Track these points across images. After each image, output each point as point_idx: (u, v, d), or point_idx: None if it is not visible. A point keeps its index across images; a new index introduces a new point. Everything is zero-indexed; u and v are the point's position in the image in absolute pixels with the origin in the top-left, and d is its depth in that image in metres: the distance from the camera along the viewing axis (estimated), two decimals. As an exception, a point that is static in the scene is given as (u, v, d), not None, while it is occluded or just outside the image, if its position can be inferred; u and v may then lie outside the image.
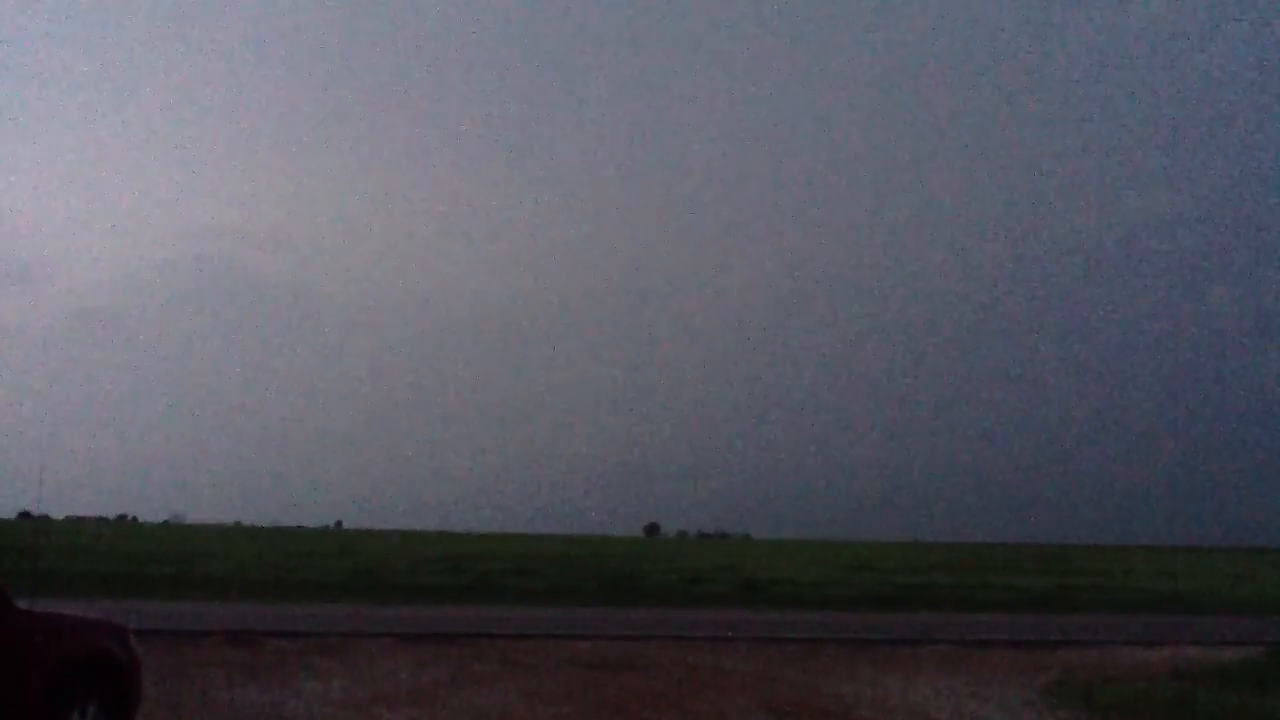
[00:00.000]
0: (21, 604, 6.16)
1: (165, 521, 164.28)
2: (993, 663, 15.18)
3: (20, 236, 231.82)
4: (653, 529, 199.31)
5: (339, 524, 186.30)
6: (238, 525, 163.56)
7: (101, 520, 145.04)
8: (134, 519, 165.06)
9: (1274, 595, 35.94)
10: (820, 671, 13.54)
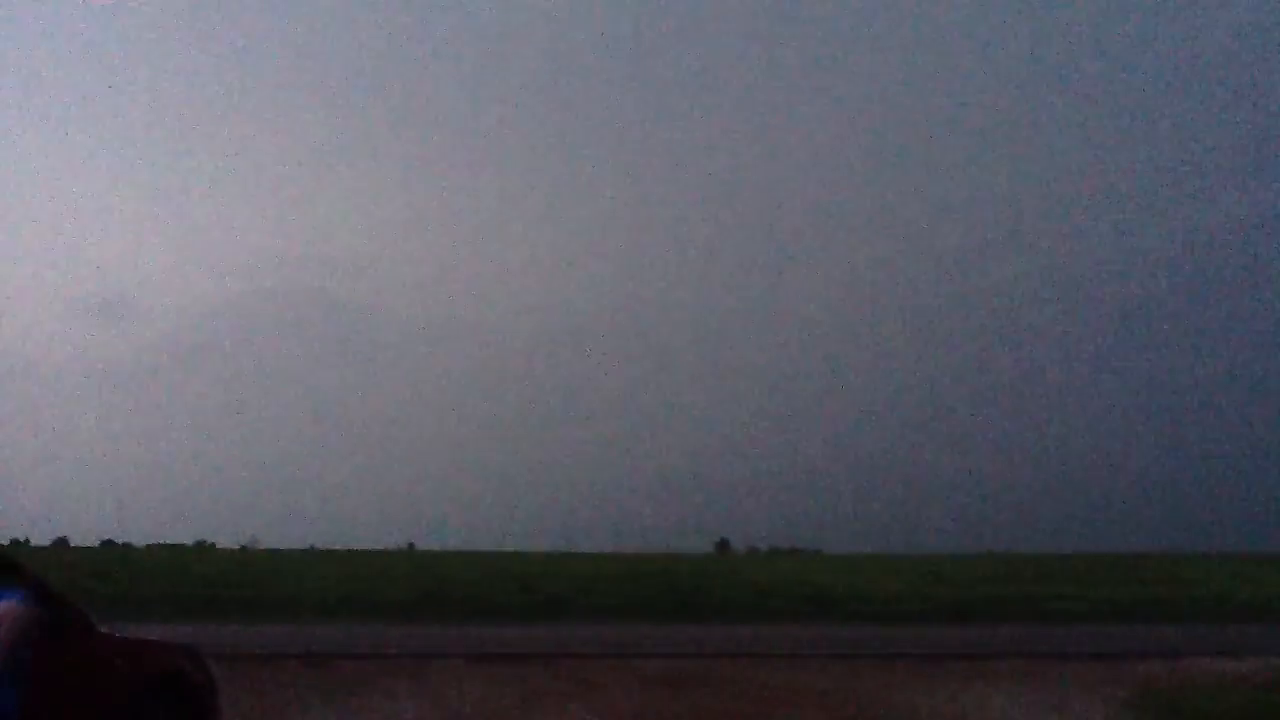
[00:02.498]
0: (103, 629, 6.30)
1: (242, 547, 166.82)
2: (1072, 675, 14.84)
3: (109, 272, 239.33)
4: (723, 545, 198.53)
5: (411, 545, 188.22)
6: (312, 549, 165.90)
7: (179, 546, 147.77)
8: (212, 544, 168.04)
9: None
10: (896, 686, 13.34)
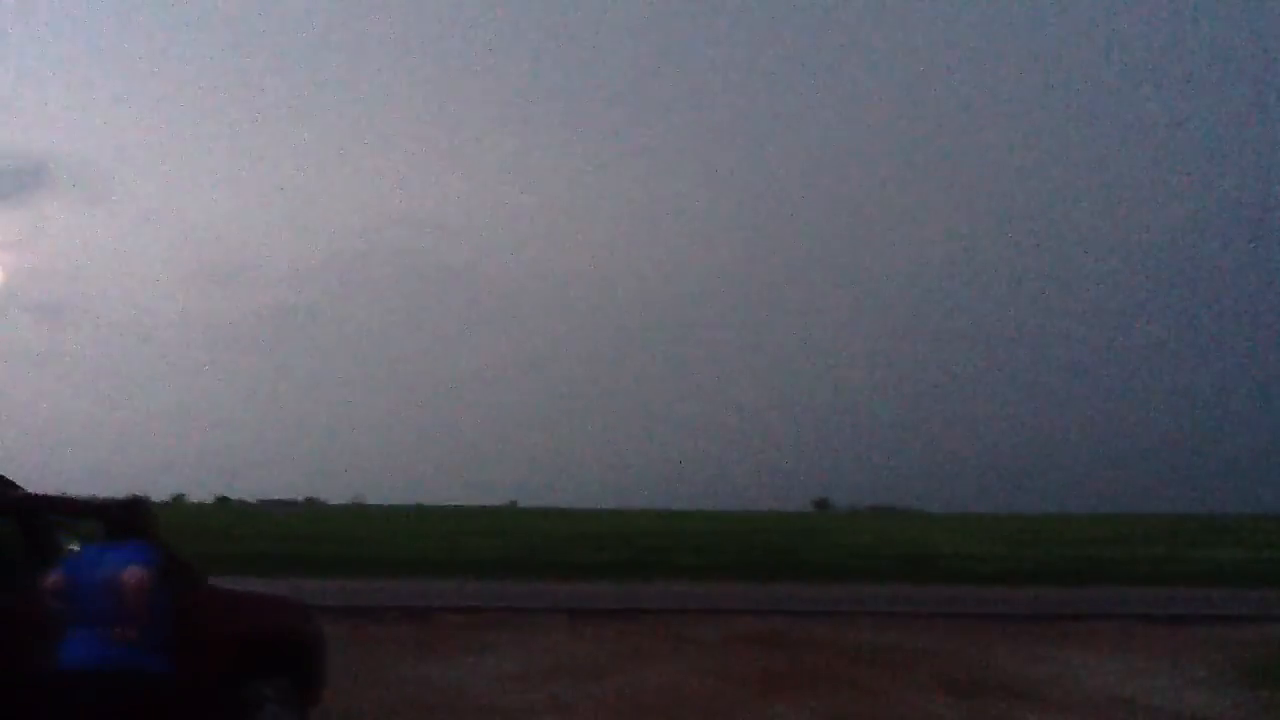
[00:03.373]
0: (212, 582, 6.49)
1: (350, 503, 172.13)
2: (1184, 638, 14.40)
3: (223, 240, 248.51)
4: (822, 504, 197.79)
5: (514, 503, 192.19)
6: (418, 506, 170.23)
7: (287, 503, 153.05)
8: (321, 501, 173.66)
9: None
10: (998, 648, 13.09)
